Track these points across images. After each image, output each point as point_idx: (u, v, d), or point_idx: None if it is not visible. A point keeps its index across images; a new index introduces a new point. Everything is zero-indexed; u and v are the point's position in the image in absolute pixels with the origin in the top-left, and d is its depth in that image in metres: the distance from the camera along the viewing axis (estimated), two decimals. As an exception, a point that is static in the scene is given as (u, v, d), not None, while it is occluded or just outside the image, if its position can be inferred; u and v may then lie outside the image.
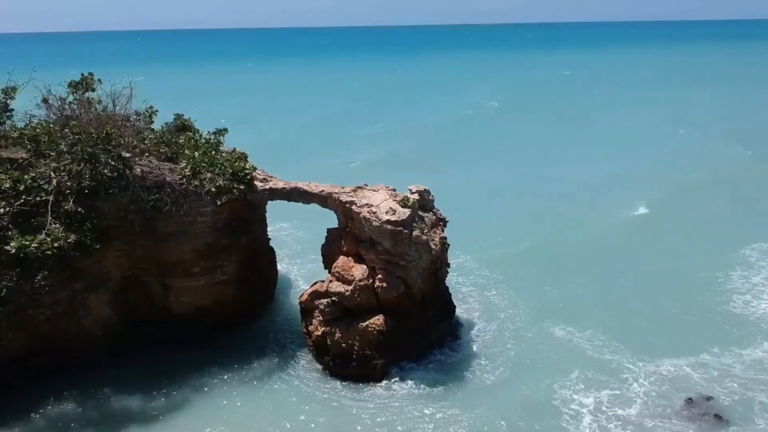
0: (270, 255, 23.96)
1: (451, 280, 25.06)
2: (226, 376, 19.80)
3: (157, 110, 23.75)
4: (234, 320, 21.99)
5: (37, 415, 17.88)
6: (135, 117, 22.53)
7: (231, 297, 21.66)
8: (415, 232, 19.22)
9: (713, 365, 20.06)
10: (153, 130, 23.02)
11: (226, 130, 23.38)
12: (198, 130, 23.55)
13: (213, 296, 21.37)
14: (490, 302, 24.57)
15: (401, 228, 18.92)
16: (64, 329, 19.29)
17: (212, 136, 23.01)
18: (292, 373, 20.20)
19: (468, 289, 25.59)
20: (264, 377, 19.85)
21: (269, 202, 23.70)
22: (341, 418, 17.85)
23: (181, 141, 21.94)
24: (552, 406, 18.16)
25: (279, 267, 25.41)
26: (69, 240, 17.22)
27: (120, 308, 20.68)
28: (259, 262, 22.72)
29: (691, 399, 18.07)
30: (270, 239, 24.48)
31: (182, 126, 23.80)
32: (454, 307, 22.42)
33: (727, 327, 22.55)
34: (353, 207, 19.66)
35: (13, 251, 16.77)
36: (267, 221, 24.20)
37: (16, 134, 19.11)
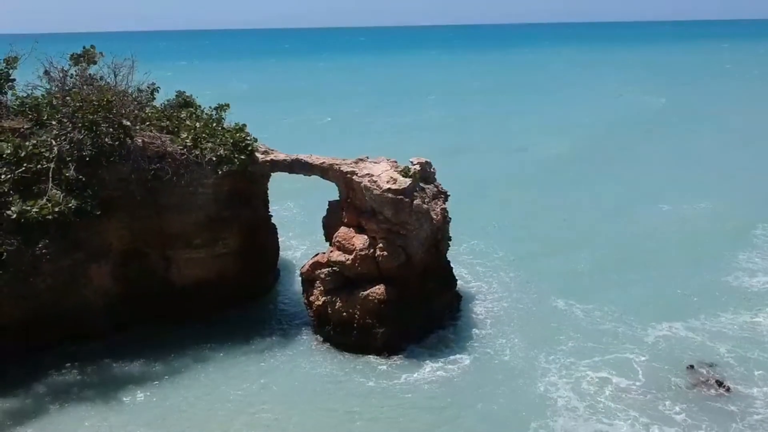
0: (271, 231, 23.95)
1: (466, 260, 25.61)
2: (227, 349, 19.76)
3: (159, 87, 23.80)
4: (236, 295, 21.92)
5: (38, 383, 17.91)
6: (137, 93, 22.59)
7: (233, 270, 21.67)
8: (416, 201, 19.21)
9: (712, 332, 20.19)
10: (155, 106, 23.07)
11: (227, 105, 23.34)
12: (200, 106, 23.57)
13: (215, 269, 21.38)
14: (501, 281, 24.46)
15: (402, 197, 18.89)
16: (65, 299, 19.34)
17: (214, 111, 23.02)
18: (294, 348, 20.17)
19: (484, 269, 25.45)
20: (265, 351, 19.83)
21: (271, 184, 23.91)
22: (340, 392, 17.78)
23: (182, 115, 21.97)
24: (551, 380, 18.01)
25: (282, 250, 25.36)
26: (70, 205, 17.25)
27: (122, 280, 20.67)
28: (260, 236, 22.72)
29: (692, 366, 18.04)
30: (272, 216, 24.47)
31: (184, 102, 23.82)
32: (456, 280, 22.39)
33: (732, 298, 22.67)
34: (354, 177, 19.64)
35: (14, 216, 16.82)
36: (269, 198, 24.22)
37: (17, 102, 19.15)
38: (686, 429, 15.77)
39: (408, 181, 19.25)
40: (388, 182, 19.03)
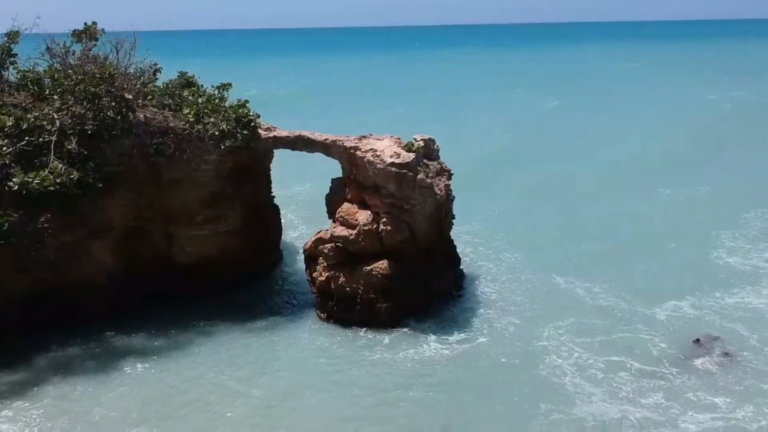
0: (274, 211, 23.87)
1: (469, 240, 25.70)
2: (230, 326, 19.59)
3: (161, 68, 23.68)
4: (239, 274, 21.79)
5: (40, 356, 17.80)
6: (139, 72, 22.48)
7: (235, 248, 21.50)
8: (420, 176, 19.11)
9: (712, 309, 20.21)
10: (157, 86, 22.97)
11: (230, 84, 23.19)
12: (202, 86, 23.45)
13: (218, 246, 21.22)
14: (505, 261, 24.37)
15: (406, 171, 18.79)
16: (67, 274, 19.18)
17: (216, 90, 22.90)
18: (297, 324, 20.03)
19: (487, 250, 25.41)
20: (268, 328, 19.67)
21: (273, 171, 23.79)
22: (343, 367, 17.66)
23: (185, 94, 21.87)
24: (557, 358, 17.77)
25: (284, 237, 25.38)
26: (72, 176, 17.16)
27: (124, 257, 20.54)
28: (263, 215, 22.64)
29: (698, 340, 17.96)
30: (274, 197, 24.34)
31: (186, 83, 23.69)
32: (459, 259, 22.28)
33: (725, 277, 22.85)
34: (357, 152, 19.55)
35: (16, 187, 16.74)
36: (271, 178, 24.10)
37: (19, 76, 19.07)
38: (695, 401, 15.63)
39: (411, 155, 19.15)
40: (391, 157, 18.93)
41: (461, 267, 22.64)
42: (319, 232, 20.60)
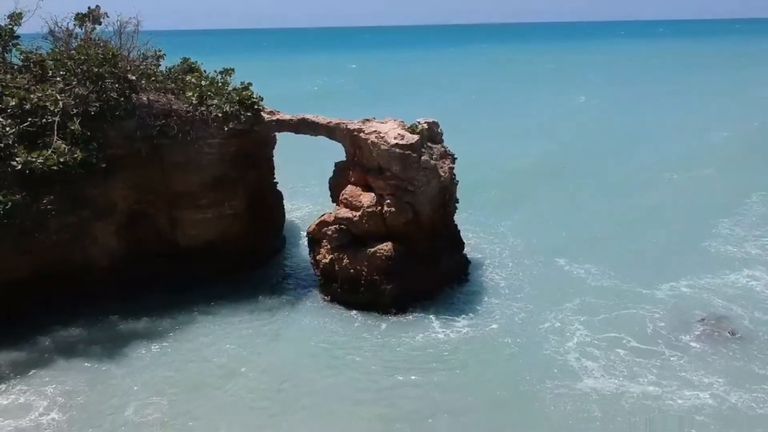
0: (277, 196, 23.82)
1: (473, 228, 25.60)
2: (234, 309, 19.65)
3: (164, 54, 23.62)
4: (242, 257, 21.74)
5: (44, 338, 17.85)
6: (142, 57, 22.41)
7: (238, 232, 21.48)
8: (424, 157, 19.05)
9: (713, 290, 20.39)
10: (161, 71, 22.90)
11: (232, 69, 23.11)
12: (205, 71, 23.38)
13: (221, 230, 21.19)
14: (508, 246, 24.44)
15: (410, 152, 18.73)
16: (70, 256, 19.17)
17: (219, 75, 22.83)
18: (300, 307, 20.11)
19: (490, 236, 25.49)
20: (272, 310, 19.75)
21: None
22: (347, 348, 17.64)
23: (188, 78, 21.79)
24: (563, 339, 17.76)
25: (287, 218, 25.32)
26: (75, 156, 17.11)
27: (127, 240, 20.50)
28: (265, 200, 22.60)
29: (703, 318, 17.98)
30: (277, 182, 24.29)
31: (189, 68, 23.61)
32: (464, 244, 22.19)
33: (724, 258, 23.07)
34: (361, 135, 19.49)
35: (19, 167, 16.70)
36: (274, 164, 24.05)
37: (22, 57, 19.02)
38: (705, 380, 15.63)
39: (415, 137, 19.09)
40: (395, 138, 18.88)
41: (466, 253, 22.59)
42: (323, 215, 20.56)
